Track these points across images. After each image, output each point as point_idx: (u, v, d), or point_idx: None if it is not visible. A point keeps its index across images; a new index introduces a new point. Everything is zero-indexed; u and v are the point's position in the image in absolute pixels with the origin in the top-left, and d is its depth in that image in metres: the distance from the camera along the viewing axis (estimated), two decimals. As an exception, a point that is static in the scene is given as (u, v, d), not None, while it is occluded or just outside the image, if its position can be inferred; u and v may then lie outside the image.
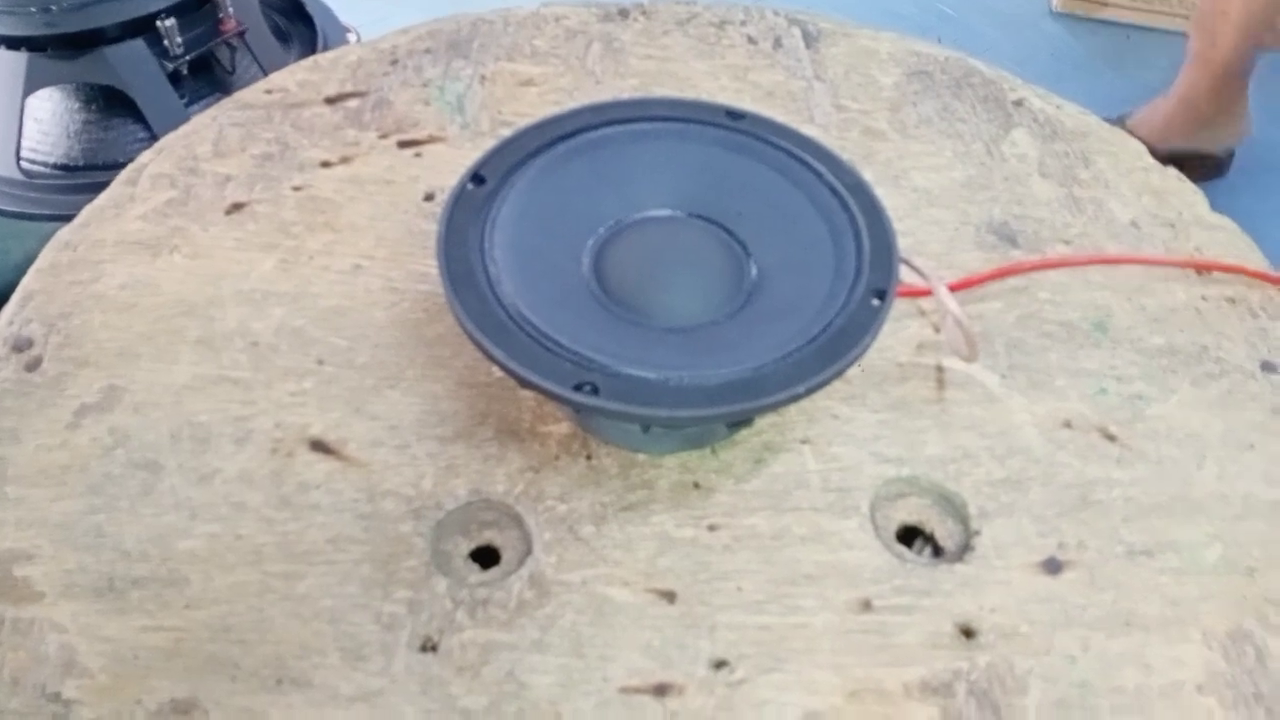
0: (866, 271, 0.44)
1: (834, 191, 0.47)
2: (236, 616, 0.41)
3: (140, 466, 0.45)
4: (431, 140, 0.60)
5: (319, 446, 0.46)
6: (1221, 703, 0.40)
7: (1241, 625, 0.43)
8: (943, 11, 1.71)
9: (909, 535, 0.46)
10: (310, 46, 1.01)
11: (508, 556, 0.44)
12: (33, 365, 0.49)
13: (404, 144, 0.60)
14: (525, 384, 0.41)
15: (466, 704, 0.39)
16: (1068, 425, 0.49)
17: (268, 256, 0.54)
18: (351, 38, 1.35)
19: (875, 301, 0.43)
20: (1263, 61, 1.35)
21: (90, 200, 0.57)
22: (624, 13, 0.69)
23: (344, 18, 1.26)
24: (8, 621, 0.41)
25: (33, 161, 0.85)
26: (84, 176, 0.84)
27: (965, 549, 0.45)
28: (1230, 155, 1.42)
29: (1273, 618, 0.43)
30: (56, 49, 0.80)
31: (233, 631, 0.40)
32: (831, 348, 0.41)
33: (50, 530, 0.43)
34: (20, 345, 0.50)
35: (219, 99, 0.88)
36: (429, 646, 0.41)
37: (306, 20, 1.03)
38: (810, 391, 0.40)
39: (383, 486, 0.45)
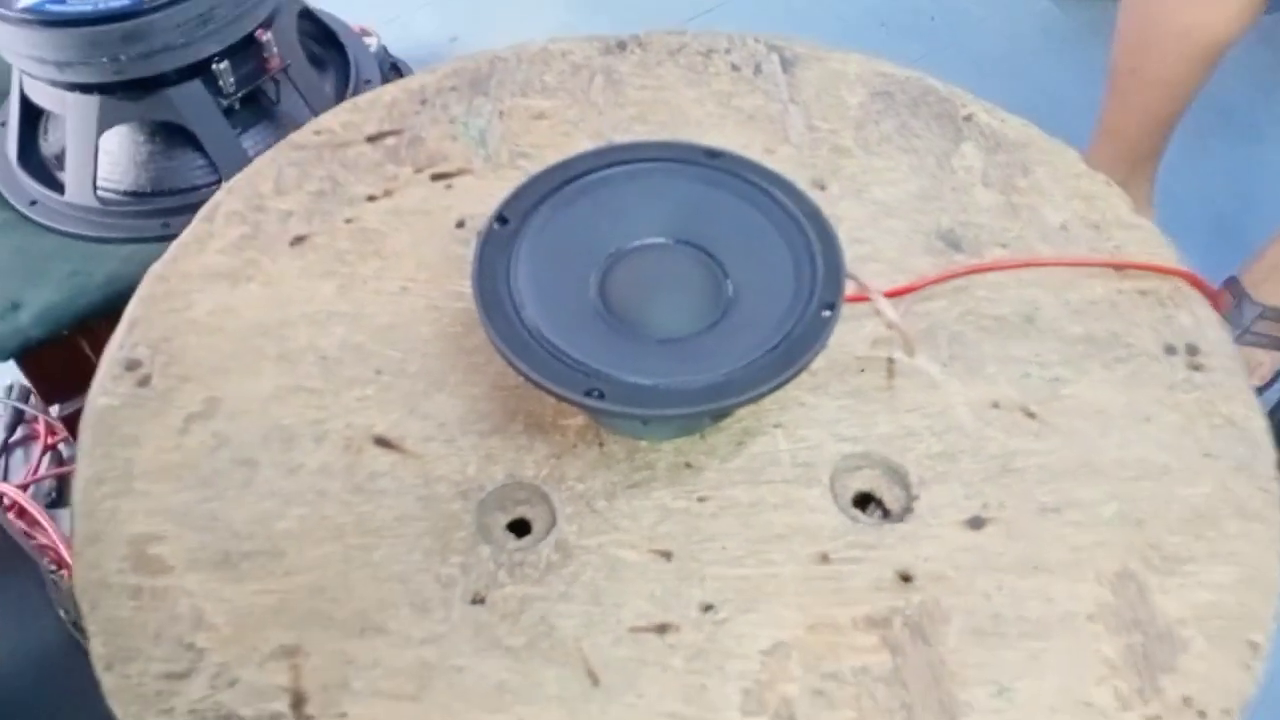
0: (820, 287, 0.54)
1: (794, 219, 0.57)
2: (327, 580, 0.52)
3: (240, 463, 0.56)
4: (460, 173, 0.70)
5: (382, 442, 0.57)
6: (1107, 627, 0.51)
7: (1128, 567, 0.53)
8: (934, -10, 1.78)
9: (863, 500, 0.56)
10: (343, 71, 1.11)
11: (537, 527, 0.54)
12: (144, 382, 0.60)
13: (436, 177, 0.70)
14: (545, 391, 0.51)
15: (510, 643, 0.50)
16: (996, 405, 0.59)
17: (327, 282, 0.64)
18: (371, 41, 1.44)
19: (826, 313, 0.53)
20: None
21: (158, 223, 0.68)
22: (622, 45, 0.79)
23: (359, 19, 1.35)
24: (147, 589, 0.52)
25: (106, 189, 0.96)
26: (151, 202, 0.95)
27: (907, 511, 0.55)
28: None
29: (1154, 560, 0.53)
30: (125, 92, 0.90)
31: (324, 592, 0.51)
32: (789, 354, 0.51)
33: (173, 516, 0.54)
34: (132, 365, 0.60)
35: (266, 126, 0.99)
36: (478, 600, 0.51)
37: (338, 47, 1.13)
38: (770, 391, 0.50)
39: (436, 473, 0.56)
